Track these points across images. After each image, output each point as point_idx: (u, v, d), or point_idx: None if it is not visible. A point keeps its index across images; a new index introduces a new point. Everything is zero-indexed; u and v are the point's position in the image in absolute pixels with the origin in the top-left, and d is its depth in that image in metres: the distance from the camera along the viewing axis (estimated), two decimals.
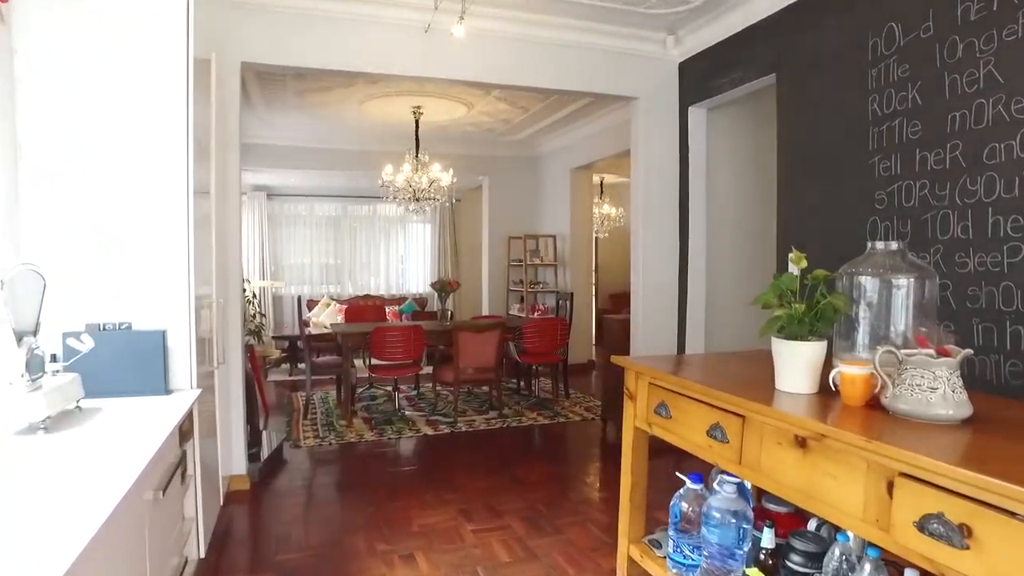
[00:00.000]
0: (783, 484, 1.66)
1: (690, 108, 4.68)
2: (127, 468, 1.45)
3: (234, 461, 3.74)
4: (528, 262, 8.62)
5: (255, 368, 5.55)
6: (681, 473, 2.26)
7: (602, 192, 10.96)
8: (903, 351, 1.59)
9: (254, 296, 7.50)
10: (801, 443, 1.60)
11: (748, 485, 2.17)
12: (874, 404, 1.66)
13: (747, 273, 5.10)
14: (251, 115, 6.74)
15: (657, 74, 4.70)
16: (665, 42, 4.58)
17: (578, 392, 6.85)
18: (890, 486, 1.33)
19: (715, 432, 1.92)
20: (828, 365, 1.82)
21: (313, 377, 5.72)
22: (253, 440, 4.11)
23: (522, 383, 6.89)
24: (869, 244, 1.92)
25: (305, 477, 4.13)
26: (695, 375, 2.12)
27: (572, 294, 6.94)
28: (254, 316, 6.45)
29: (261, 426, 4.91)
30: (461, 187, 9.97)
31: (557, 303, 7.22)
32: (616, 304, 12.44)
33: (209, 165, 3.03)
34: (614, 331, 5.16)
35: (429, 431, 5.20)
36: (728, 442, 1.87)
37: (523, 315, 8.66)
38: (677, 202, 4.82)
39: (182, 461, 2.13)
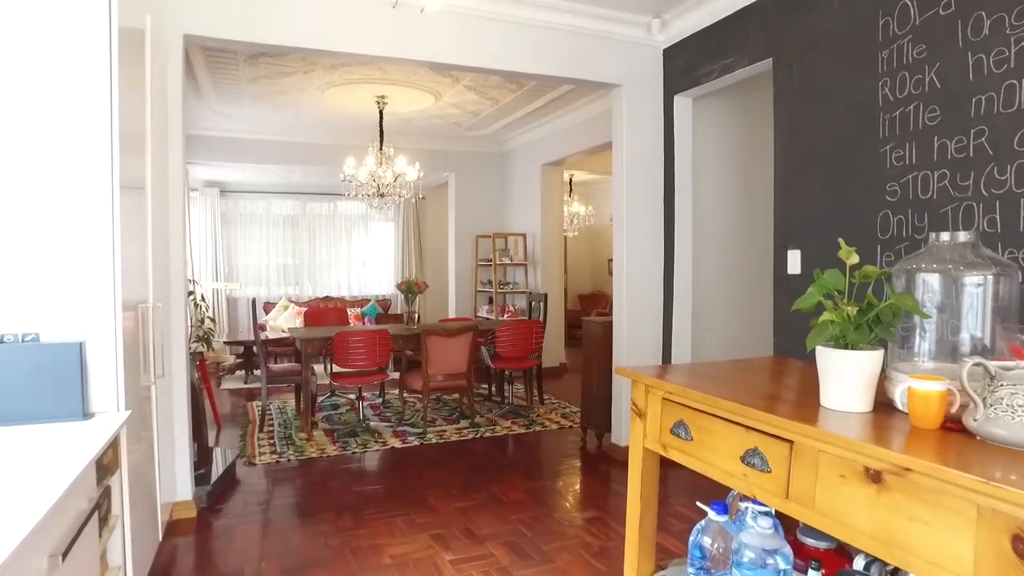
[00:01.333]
0: (849, 527, 1.36)
1: (676, 97, 4.41)
2: (7, 532, 1.07)
3: (178, 486, 3.31)
4: (497, 262, 8.29)
5: (205, 378, 5.10)
6: (700, 502, 1.96)
7: (571, 190, 10.71)
8: (995, 363, 1.31)
9: (202, 299, 6.98)
10: (875, 477, 1.30)
11: (772, 511, 1.88)
12: (951, 427, 1.38)
13: (736, 271, 4.87)
14: (201, 104, 6.25)
15: (641, 61, 4.42)
16: (650, 26, 4.30)
17: (552, 397, 6.54)
18: (1018, 542, 1.04)
19: (752, 459, 1.62)
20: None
21: (270, 385, 5.29)
22: (201, 459, 3.69)
23: (493, 388, 6.56)
24: (932, 235, 1.64)
25: (260, 500, 3.72)
26: (721, 389, 1.82)
27: (546, 295, 6.64)
28: (202, 321, 5.97)
29: (211, 442, 4.47)
30: (426, 184, 9.58)
31: (530, 304, 6.91)
32: (585, 305, 12.20)
33: (143, 156, 2.61)
34: (594, 334, 4.86)
35: (397, 443, 4.82)
36: (770, 471, 1.57)
37: (492, 317, 8.33)
38: (662, 197, 4.55)
39: (102, 502, 1.73)
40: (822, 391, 1.60)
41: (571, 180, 10.46)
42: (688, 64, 4.28)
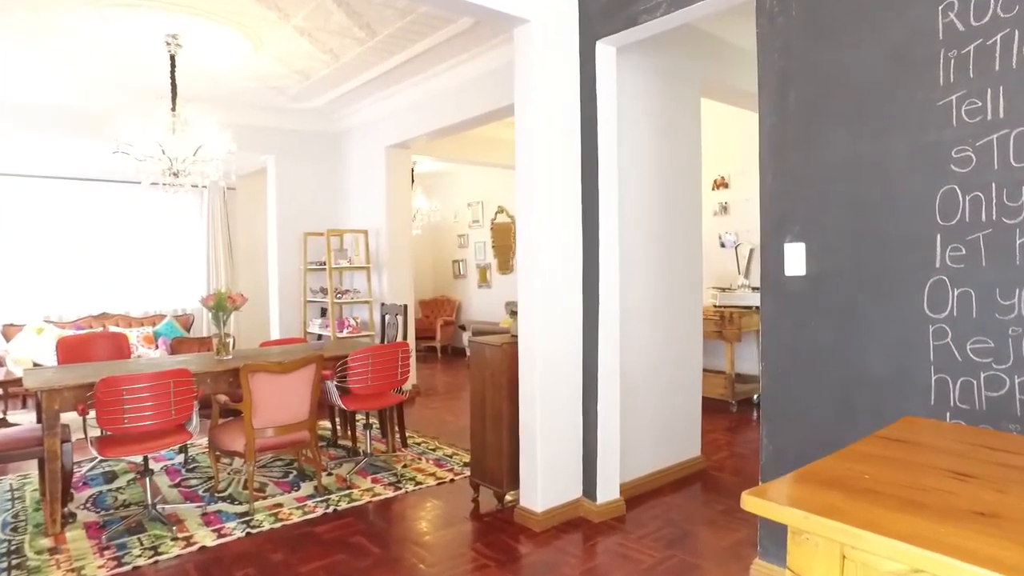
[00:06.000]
0: None
1: (598, 44, 3.34)
2: None
3: None
4: (333, 265, 6.76)
5: None
6: None
7: (413, 181, 9.40)
8: None
9: None
10: None
11: None
12: None
13: (661, 273, 3.96)
14: None
15: None
16: None
17: (414, 434, 5.23)
18: None
19: None
20: None
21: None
22: None
23: (338, 426, 5.09)
24: None
25: None
26: None
27: (405, 307, 5.29)
28: None
29: None
30: (236, 171, 7.72)
31: (383, 319, 5.51)
32: (427, 312, 10.94)
33: None
34: (488, 360, 3.64)
35: (209, 538, 3.22)
36: None
37: (327, 333, 6.78)
38: (579, 178, 3.46)
39: None
40: None
41: (412, 170, 9.15)
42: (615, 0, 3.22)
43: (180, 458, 4.55)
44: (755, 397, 6.01)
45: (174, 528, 3.31)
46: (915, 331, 2.21)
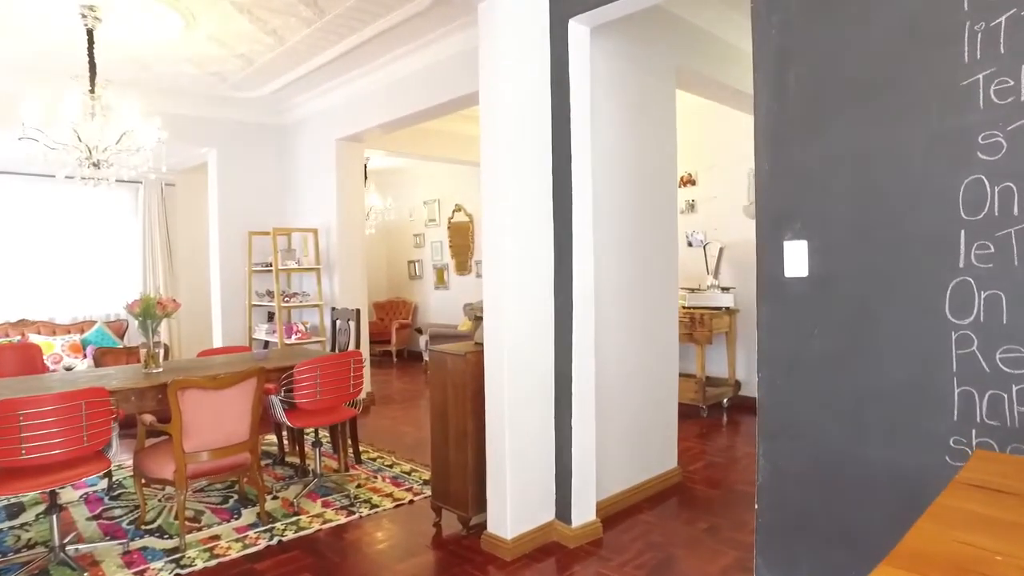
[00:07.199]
0: None
1: (570, 22, 3.03)
2: None
3: None
4: (280, 266, 6.30)
5: None
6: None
7: (366, 177, 8.96)
8: None
9: None
10: None
11: None
12: None
13: (637, 272, 3.70)
14: None
15: None
16: None
17: (369, 448, 4.84)
18: None
19: None
20: None
21: None
22: None
23: (285, 442, 4.67)
24: None
25: None
26: None
27: (358, 311, 4.90)
28: None
29: None
30: (176, 165, 7.19)
31: (335, 324, 5.10)
32: (381, 314, 10.51)
33: None
34: (450, 371, 3.31)
35: None
36: None
37: (274, 340, 6.32)
38: (550, 169, 3.15)
39: None
40: None
41: (365, 166, 8.72)
42: None
43: (104, 484, 4.07)
44: (725, 401, 5.82)
45: (86, 574, 2.86)
46: (935, 338, 1.97)
